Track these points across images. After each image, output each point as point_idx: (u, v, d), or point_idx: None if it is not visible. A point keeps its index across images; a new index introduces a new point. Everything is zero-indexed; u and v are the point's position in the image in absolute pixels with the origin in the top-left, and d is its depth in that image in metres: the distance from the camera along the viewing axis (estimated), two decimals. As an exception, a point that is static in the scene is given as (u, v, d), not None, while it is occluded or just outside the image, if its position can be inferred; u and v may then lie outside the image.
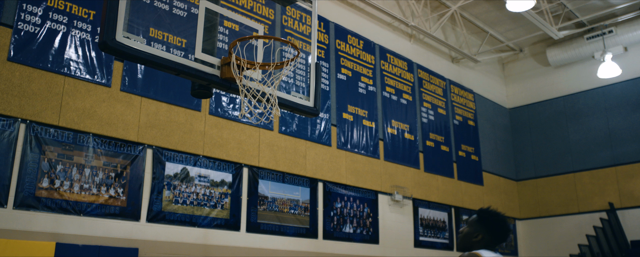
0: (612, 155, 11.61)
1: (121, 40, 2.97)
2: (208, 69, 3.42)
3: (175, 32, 7.13)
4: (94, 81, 6.22)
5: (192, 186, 6.83)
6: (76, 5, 6.26)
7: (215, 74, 3.45)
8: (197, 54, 3.39)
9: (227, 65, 3.42)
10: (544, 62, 13.07)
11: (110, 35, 2.90)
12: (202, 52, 3.42)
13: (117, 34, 2.93)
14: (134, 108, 6.52)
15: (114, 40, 2.92)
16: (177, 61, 3.25)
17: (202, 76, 3.36)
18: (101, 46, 2.94)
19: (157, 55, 3.15)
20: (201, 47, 3.41)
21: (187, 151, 6.90)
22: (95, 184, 5.95)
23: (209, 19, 3.59)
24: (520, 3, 8.41)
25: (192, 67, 3.32)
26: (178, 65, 3.24)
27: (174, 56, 3.25)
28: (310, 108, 3.93)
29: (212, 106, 7.29)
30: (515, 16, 11.79)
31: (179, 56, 3.32)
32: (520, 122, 13.24)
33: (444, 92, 11.56)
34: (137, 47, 3.06)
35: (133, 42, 3.05)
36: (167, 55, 3.24)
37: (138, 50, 3.06)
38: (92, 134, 6.07)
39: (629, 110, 11.59)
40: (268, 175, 7.75)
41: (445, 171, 10.94)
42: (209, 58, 3.45)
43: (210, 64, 3.46)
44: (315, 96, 3.93)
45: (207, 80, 3.40)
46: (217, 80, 3.47)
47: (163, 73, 6.83)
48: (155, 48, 6.86)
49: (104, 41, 2.90)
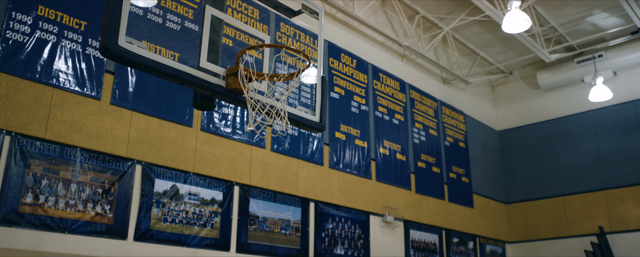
0: (602, 179, 11.60)
1: (124, 45, 2.80)
2: (213, 79, 3.26)
3: (168, 45, 6.97)
4: (83, 93, 6.01)
5: (182, 204, 6.60)
6: (67, 15, 6.08)
7: (221, 85, 3.29)
8: (202, 63, 3.23)
9: (233, 76, 3.27)
10: (533, 85, 13.12)
11: (112, 39, 2.74)
12: (207, 61, 3.26)
13: (120, 39, 2.77)
14: (123, 122, 6.31)
15: (116, 44, 2.76)
16: (181, 69, 3.09)
17: (206, 86, 3.19)
18: (102, 51, 2.77)
19: (161, 62, 2.99)
20: (206, 55, 3.26)
21: (178, 167, 6.68)
22: (82, 201, 5.70)
23: (213, 29, 3.44)
24: (515, 25, 8.42)
25: (196, 77, 3.16)
26: (182, 74, 3.08)
27: (178, 64, 3.09)
28: (316, 123, 3.78)
29: (203, 122, 7.11)
30: (506, 39, 11.84)
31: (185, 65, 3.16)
32: (509, 145, 13.22)
33: (436, 113, 11.50)
34: (140, 53, 2.90)
35: (136, 48, 2.89)
36: (171, 63, 3.07)
37: (141, 56, 2.90)
38: (80, 148, 5.85)
39: (618, 134, 11.63)
40: (259, 194, 7.55)
41: (437, 192, 10.81)
42: (214, 67, 3.29)
43: (215, 73, 3.30)
44: (322, 111, 3.79)
45: (212, 91, 3.24)
46: (223, 91, 3.30)
47: (154, 87, 6.66)
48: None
49: (106, 45, 2.74)
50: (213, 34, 3.38)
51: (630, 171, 11.26)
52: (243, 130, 7.51)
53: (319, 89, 3.83)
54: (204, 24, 3.32)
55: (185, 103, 6.96)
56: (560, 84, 12.43)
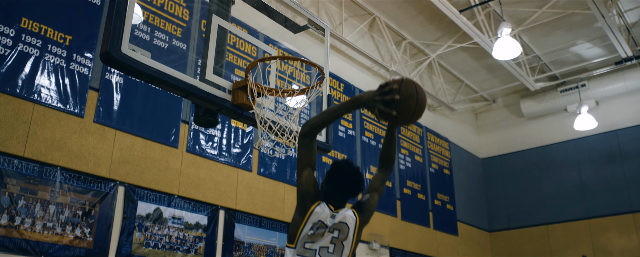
0: (585, 208, 11.59)
1: (127, 53, 2.60)
2: (219, 92, 3.07)
3: (155, 63, 6.75)
4: (65, 110, 5.74)
5: (165, 227, 6.31)
6: (51, 29, 5.84)
7: (227, 99, 3.09)
8: (208, 75, 3.04)
9: (240, 90, 3.08)
10: (516, 113, 13.18)
11: (115, 45, 2.53)
12: (213, 73, 3.06)
13: (123, 45, 2.57)
14: (107, 141, 6.03)
15: (120, 51, 2.56)
16: (187, 81, 2.89)
17: (212, 100, 3.00)
18: (104, 57, 2.57)
19: (166, 72, 2.79)
20: (212, 67, 3.06)
21: (162, 189, 6.40)
22: (60, 223, 5.38)
23: (219, 40, 3.25)
24: (505, 52, 8.42)
25: (202, 90, 2.96)
26: (187, 86, 2.87)
27: (183, 75, 2.89)
28: (323, 143, 3.60)
29: (190, 143, 6.87)
30: (490, 67, 11.90)
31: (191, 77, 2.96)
32: (492, 173, 13.19)
33: (421, 139, 11.42)
34: (145, 62, 2.70)
35: (140, 56, 2.69)
36: (176, 74, 2.87)
37: (145, 65, 2.69)
38: (60, 168, 5.54)
39: (600, 163, 11.68)
40: (245, 219, 7.28)
41: (422, 219, 10.65)
42: (220, 80, 3.10)
43: (220, 87, 3.11)
44: (327, 131, 3.61)
45: (218, 106, 3.04)
46: (229, 106, 3.11)
47: (140, 105, 6.42)
48: (134, 79, 6.49)
49: (108, 52, 2.53)
50: (219, 45, 3.20)
51: (613, 200, 11.28)
52: (229, 152, 7.28)
53: (325, 108, 3.66)
54: (211, 34, 3.14)
55: (171, 123, 6.72)
56: (544, 112, 12.50)
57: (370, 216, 2.76)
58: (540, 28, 10.43)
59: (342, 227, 2.60)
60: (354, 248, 2.64)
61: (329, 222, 2.59)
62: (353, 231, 2.62)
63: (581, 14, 9.90)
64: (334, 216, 2.62)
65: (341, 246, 2.59)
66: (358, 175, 2.70)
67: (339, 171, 2.69)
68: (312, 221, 2.58)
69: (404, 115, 2.47)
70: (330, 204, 2.65)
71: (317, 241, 2.57)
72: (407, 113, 2.46)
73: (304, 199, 2.63)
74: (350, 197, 2.69)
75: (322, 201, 2.64)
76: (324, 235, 2.57)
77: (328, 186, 2.69)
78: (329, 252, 2.57)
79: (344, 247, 2.59)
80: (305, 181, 2.63)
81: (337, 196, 2.66)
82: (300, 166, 2.67)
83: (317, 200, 2.63)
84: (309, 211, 2.59)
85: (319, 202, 2.62)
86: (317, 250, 2.56)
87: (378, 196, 2.85)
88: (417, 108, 2.49)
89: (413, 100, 2.46)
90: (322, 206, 2.62)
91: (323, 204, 2.63)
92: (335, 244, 2.58)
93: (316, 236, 2.57)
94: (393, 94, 2.41)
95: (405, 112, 2.45)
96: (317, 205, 2.61)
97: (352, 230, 2.61)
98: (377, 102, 2.45)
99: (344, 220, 2.61)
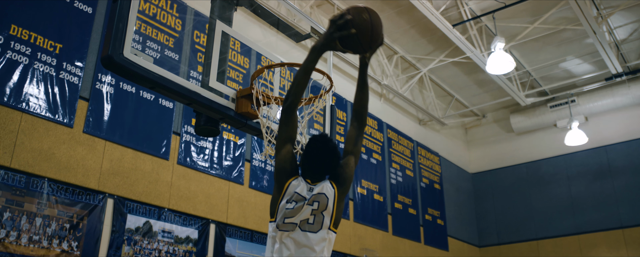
0: (575, 223, 11.59)
1: (130, 57, 2.49)
2: (222, 100, 2.96)
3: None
4: (54, 120, 5.58)
5: (155, 241, 6.14)
6: (41, 37, 5.70)
7: (230, 108, 2.99)
8: (211, 82, 2.93)
9: (244, 99, 2.98)
10: (506, 128, 13.20)
11: (117, 49, 2.42)
12: (216, 81, 2.96)
13: (125, 49, 2.46)
14: (96, 152, 5.88)
15: (121, 55, 2.45)
16: (190, 88, 2.78)
17: (216, 108, 2.89)
18: (105, 61, 2.45)
19: (169, 79, 2.68)
20: (216, 75, 2.96)
21: (152, 202, 6.24)
22: (47, 236, 5.20)
23: (222, 49, 3.15)
24: (499, 67, 8.43)
25: (205, 97, 2.85)
26: (191, 93, 2.77)
27: (187, 82, 2.78)
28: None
29: (180, 155, 6.72)
30: (481, 82, 11.93)
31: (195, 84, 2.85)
32: (482, 188, 13.16)
33: (412, 153, 11.37)
34: (148, 67, 2.59)
35: (142, 61, 2.58)
36: (180, 80, 2.77)
37: (148, 70, 2.58)
38: (48, 179, 5.37)
39: (590, 179, 11.71)
40: (236, 233, 7.13)
41: (413, 234, 10.56)
42: (224, 88, 2.99)
43: (224, 95, 3.00)
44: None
45: (221, 114, 2.93)
46: (233, 115, 3.00)
47: (131, 116, 6.28)
48: (125, 89, 6.36)
49: (110, 56, 2.42)
50: (222, 52, 3.10)
51: (603, 215, 11.30)
52: (221, 165, 7.15)
53: (328, 118, 3.58)
54: (215, 40, 3.04)
55: (163, 134, 6.59)
56: (533, 128, 12.54)
57: (348, 185, 2.70)
58: (531, 44, 10.48)
59: (321, 198, 2.59)
60: (337, 219, 2.62)
61: (307, 195, 2.59)
62: (332, 201, 2.59)
63: (571, 30, 9.98)
64: (311, 188, 2.62)
65: (321, 216, 2.57)
66: (329, 150, 2.69)
67: (310, 146, 2.70)
68: (289, 193, 2.59)
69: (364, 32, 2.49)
70: (307, 178, 2.66)
71: (297, 215, 2.56)
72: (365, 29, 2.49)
73: (279, 175, 2.64)
74: (325, 171, 2.69)
75: (299, 176, 2.67)
76: (303, 208, 2.56)
77: (302, 161, 2.71)
78: (309, 223, 2.56)
79: (324, 217, 2.57)
80: (282, 158, 2.65)
81: (312, 170, 2.67)
82: (280, 142, 2.69)
83: (293, 175, 2.65)
84: (285, 185, 2.61)
85: (296, 176, 2.64)
86: (297, 224, 2.56)
87: (354, 160, 2.75)
88: (373, 21, 2.52)
89: (365, 14, 2.51)
90: (299, 180, 2.64)
91: (300, 178, 2.65)
92: (315, 216, 2.57)
93: (296, 210, 2.56)
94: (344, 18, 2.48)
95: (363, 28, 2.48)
96: (294, 179, 2.63)
97: (331, 200, 2.59)
98: (335, 33, 2.50)
99: (322, 191, 2.60)
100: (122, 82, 6.32)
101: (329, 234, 2.58)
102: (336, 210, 2.61)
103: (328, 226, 2.57)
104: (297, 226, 2.54)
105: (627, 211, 11.06)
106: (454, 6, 9.30)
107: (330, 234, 2.59)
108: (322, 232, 2.55)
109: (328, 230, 2.58)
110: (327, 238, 2.57)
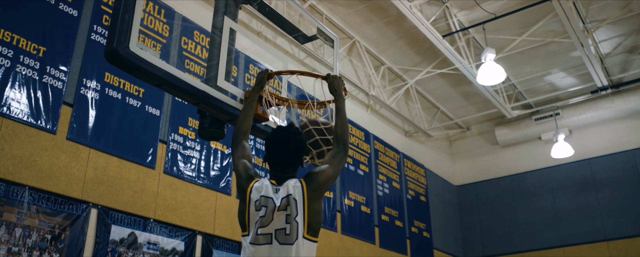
0: (560, 236, 11.59)
1: (136, 51, 2.32)
2: (231, 101, 2.80)
3: (134, 80, 6.42)
4: (36, 126, 5.34)
5: (140, 253, 5.89)
6: (24, 39, 5.47)
7: (239, 109, 2.82)
8: (220, 82, 2.76)
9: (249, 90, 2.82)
10: (490, 141, 13.21)
11: (123, 42, 2.25)
12: (224, 80, 2.79)
13: (131, 42, 2.29)
14: (80, 160, 5.63)
15: (127, 49, 2.27)
16: (199, 87, 2.61)
17: (225, 109, 2.72)
18: (109, 55, 2.28)
19: (177, 76, 2.51)
20: (224, 74, 2.79)
21: (137, 213, 6.00)
22: (27, 248, 4.93)
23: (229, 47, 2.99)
24: (489, 78, 8.40)
25: (214, 97, 2.68)
26: (199, 92, 2.59)
27: (195, 80, 2.61)
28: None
29: (167, 164, 6.51)
30: (467, 94, 11.93)
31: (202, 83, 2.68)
32: (467, 200, 13.12)
33: (398, 165, 11.28)
34: (154, 63, 2.42)
35: (149, 56, 2.41)
36: (188, 78, 2.59)
37: (154, 66, 2.41)
38: (29, 188, 5.11)
39: (574, 191, 11.75)
40: (223, 244, 6.91)
41: (399, 247, 10.42)
42: (232, 88, 2.83)
43: (232, 95, 2.83)
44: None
45: (230, 116, 2.76)
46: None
47: (116, 123, 6.06)
48: (110, 95, 6.14)
49: (115, 49, 2.24)
50: (229, 51, 2.94)
51: (587, 228, 11.32)
52: (208, 175, 6.94)
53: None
54: (223, 36, 2.87)
55: (149, 143, 6.37)
56: (518, 140, 12.57)
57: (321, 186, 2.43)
58: (517, 56, 10.52)
59: (291, 202, 2.33)
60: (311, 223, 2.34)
61: (277, 201, 2.34)
62: (302, 202, 2.33)
63: (557, 43, 10.04)
64: (278, 190, 2.38)
65: (295, 224, 2.30)
66: (290, 137, 2.48)
67: (270, 137, 2.52)
68: (254, 198, 2.36)
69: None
70: (273, 179, 2.45)
71: (270, 224, 2.30)
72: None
73: (240, 182, 2.47)
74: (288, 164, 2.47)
75: (261, 178, 2.46)
76: (276, 215, 2.30)
77: (266, 158, 2.53)
78: (286, 234, 2.29)
79: (298, 224, 2.29)
80: (239, 171, 2.51)
81: (275, 166, 2.47)
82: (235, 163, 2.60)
83: (254, 178, 2.45)
84: (247, 190, 2.39)
85: (258, 179, 2.44)
86: (273, 234, 2.30)
87: (331, 171, 2.50)
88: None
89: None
90: (261, 181, 2.42)
91: (263, 179, 2.44)
92: (290, 224, 2.30)
93: (268, 217, 2.31)
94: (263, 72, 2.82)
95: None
96: (256, 181, 2.42)
97: (300, 202, 2.33)
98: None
99: (290, 192, 2.35)
100: (107, 88, 6.10)
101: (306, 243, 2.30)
102: (308, 212, 2.34)
103: (302, 234, 2.30)
104: (272, 237, 2.29)
105: (612, 224, 11.10)
106: (442, 17, 9.28)
107: (306, 243, 2.30)
108: (297, 243, 2.27)
109: (303, 239, 2.30)
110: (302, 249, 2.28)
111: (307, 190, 2.36)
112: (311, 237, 2.34)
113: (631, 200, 11.03)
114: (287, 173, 2.47)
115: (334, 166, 2.55)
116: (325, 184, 2.44)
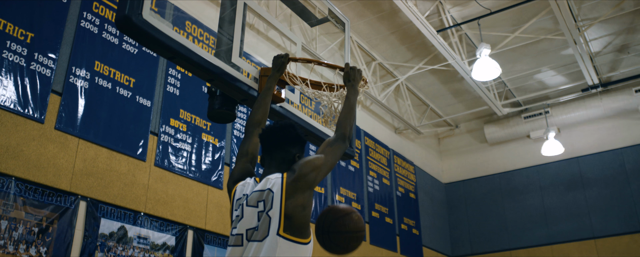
0: (548, 234, 11.61)
1: (149, 20, 2.16)
2: (246, 79, 2.65)
3: (124, 69, 6.24)
4: (23, 114, 5.12)
5: (130, 248, 5.70)
6: (11, 24, 5.25)
7: (254, 88, 2.67)
8: (234, 58, 2.60)
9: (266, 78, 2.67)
10: (479, 139, 13.20)
11: (135, 9, 2.09)
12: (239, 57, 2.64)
13: (145, 10, 2.13)
14: (69, 151, 5.43)
15: (141, 16, 2.11)
16: (214, 62, 2.45)
17: (239, 87, 2.56)
18: (120, 22, 2.11)
19: (191, 49, 2.35)
20: (239, 49, 2.64)
21: (127, 206, 5.81)
22: (13, 241, 4.72)
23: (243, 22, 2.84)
24: (484, 73, 8.35)
25: (229, 74, 2.52)
26: (214, 68, 2.43)
27: (210, 55, 2.45)
28: (349, 149, 3.23)
29: (158, 157, 6.32)
30: (457, 91, 11.90)
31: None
32: (455, 198, 13.10)
33: (388, 162, 11.19)
34: (168, 34, 2.26)
35: (164, 26, 2.25)
36: (203, 52, 2.42)
37: (168, 36, 2.25)
38: (15, 178, 4.90)
39: (562, 190, 11.78)
40: (214, 239, 6.74)
41: (389, 244, 10.33)
42: (247, 66, 2.68)
43: (245, 73, 2.68)
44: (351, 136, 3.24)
45: (244, 95, 2.62)
46: (256, 96, 2.69)
47: (106, 113, 5.86)
48: (100, 84, 5.93)
49: (128, 16, 2.08)
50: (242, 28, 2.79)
51: (575, 226, 11.36)
52: (199, 168, 6.77)
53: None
54: (237, 11, 2.72)
55: (140, 134, 6.18)
56: (507, 138, 12.57)
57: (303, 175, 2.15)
58: (508, 54, 10.50)
59: (268, 196, 2.11)
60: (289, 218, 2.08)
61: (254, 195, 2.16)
62: (279, 194, 2.07)
63: (548, 41, 10.04)
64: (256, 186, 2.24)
65: (267, 219, 2.06)
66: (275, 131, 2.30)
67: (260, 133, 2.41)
68: (236, 198, 2.25)
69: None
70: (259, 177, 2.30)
71: (241, 223, 2.10)
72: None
73: (228, 184, 2.39)
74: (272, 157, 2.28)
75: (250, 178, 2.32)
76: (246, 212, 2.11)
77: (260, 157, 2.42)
78: (256, 231, 2.07)
79: (270, 219, 2.06)
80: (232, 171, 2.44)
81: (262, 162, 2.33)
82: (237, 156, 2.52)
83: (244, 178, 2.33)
84: (232, 191, 2.29)
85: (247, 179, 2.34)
86: (243, 235, 2.08)
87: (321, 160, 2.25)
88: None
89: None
90: (247, 181, 2.30)
91: (248, 179, 2.30)
92: (261, 220, 2.09)
93: (241, 217, 2.13)
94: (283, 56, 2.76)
95: None
96: (242, 182, 2.31)
97: (278, 194, 2.08)
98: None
99: (268, 185, 2.14)
100: (97, 77, 5.90)
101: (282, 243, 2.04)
102: (286, 206, 2.07)
103: (276, 230, 2.03)
104: (243, 238, 2.07)
105: (599, 222, 11.15)
106: (435, 13, 9.21)
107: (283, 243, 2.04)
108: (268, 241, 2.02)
109: (278, 236, 2.03)
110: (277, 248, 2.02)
111: (286, 181, 2.12)
112: (290, 236, 2.08)
113: (618, 198, 11.09)
114: (271, 168, 2.28)
115: (328, 153, 2.33)
116: (311, 174, 2.17)
